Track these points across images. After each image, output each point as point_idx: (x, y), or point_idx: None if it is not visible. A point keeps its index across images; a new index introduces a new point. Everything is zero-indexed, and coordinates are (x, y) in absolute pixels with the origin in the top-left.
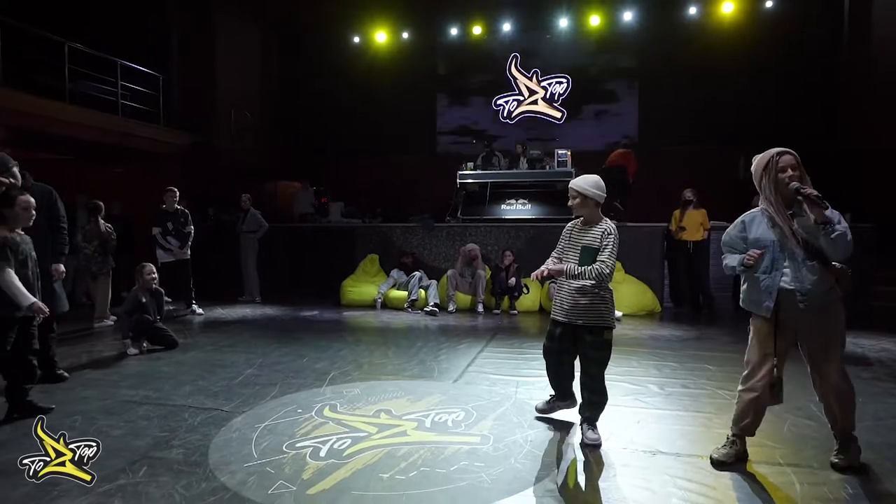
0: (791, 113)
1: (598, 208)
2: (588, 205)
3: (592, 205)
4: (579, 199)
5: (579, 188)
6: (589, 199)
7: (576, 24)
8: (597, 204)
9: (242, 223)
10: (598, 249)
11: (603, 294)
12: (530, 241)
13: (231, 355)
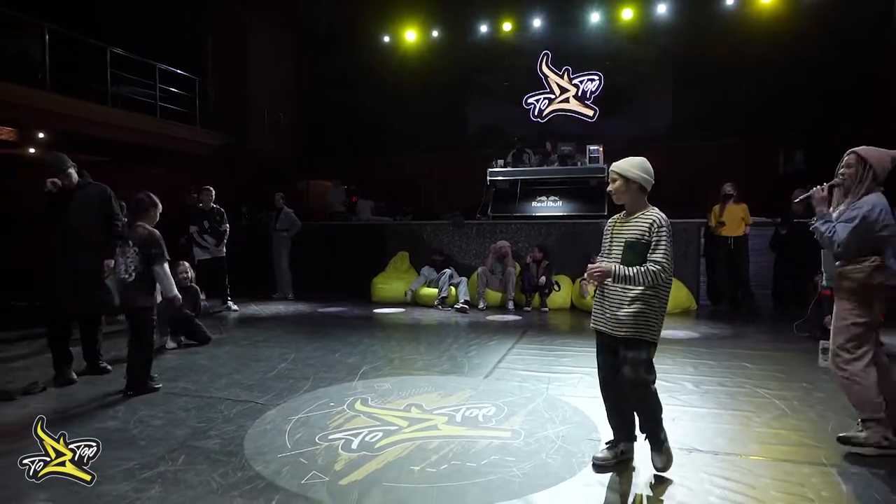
0: (833, 106)
1: (642, 195)
2: (630, 190)
3: (635, 190)
4: (619, 183)
5: (620, 169)
6: (631, 183)
7: (608, 18)
8: (641, 189)
9: (276, 222)
10: (646, 245)
11: (652, 301)
12: (561, 239)
13: (265, 350)
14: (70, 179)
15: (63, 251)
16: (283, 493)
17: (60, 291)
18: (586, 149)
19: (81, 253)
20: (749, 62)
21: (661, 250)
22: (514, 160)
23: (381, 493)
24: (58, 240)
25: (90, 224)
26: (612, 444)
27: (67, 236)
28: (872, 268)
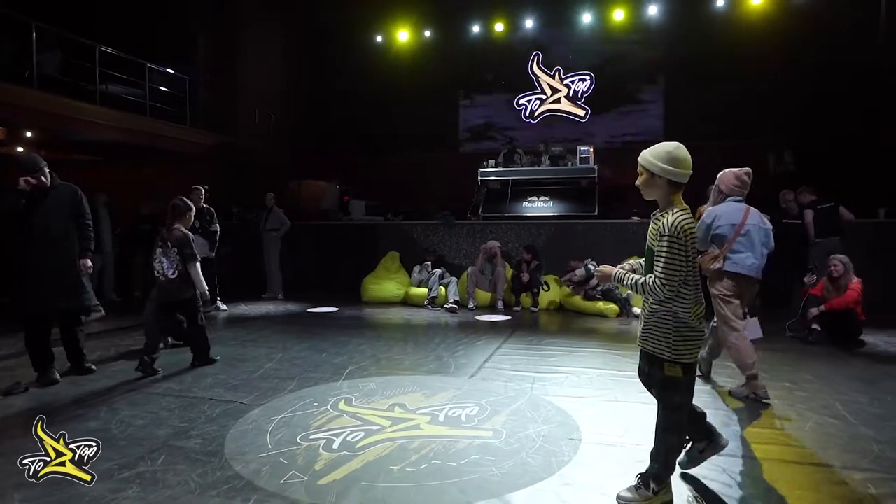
0: (823, 107)
1: (673, 191)
2: (657, 185)
3: (664, 185)
4: (645, 176)
5: (644, 161)
6: (656, 178)
7: (599, 19)
8: (671, 184)
9: (266, 221)
10: (653, 253)
11: (664, 317)
12: (552, 239)
13: (252, 350)
14: (43, 179)
15: (36, 251)
16: (261, 493)
17: (35, 291)
18: (577, 149)
19: (55, 253)
20: (739, 64)
21: (662, 261)
22: (505, 160)
23: (359, 492)
24: (31, 239)
25: (63, 224)
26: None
27: (41, 236)
28: (711, 257)
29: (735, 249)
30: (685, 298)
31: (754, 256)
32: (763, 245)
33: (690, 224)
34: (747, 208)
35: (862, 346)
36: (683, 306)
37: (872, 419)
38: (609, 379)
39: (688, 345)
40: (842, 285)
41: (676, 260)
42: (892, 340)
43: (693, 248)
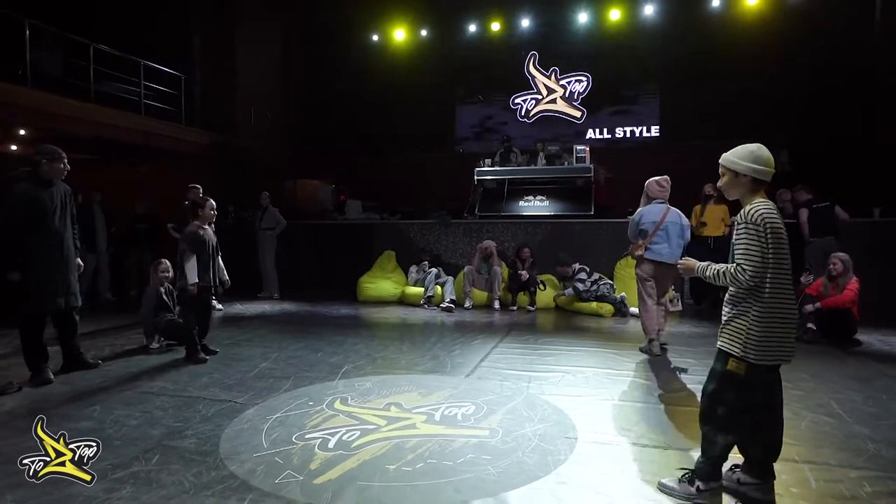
0: (819, 107)
1: (754, 187)
2: (739, 183)
3: (746, 183)
4: (728, 177)
5: (727, 162)
6: (741, 177)
7: (595, 18)
8: (754, 182)
9: (261, 220)
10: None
11: (745, 314)
12: (548, 238)
13: (248, 349)
14: (67, 168)
15: (45, 248)
16: (256, 493)
17: (43, 289)
18: (573, 149)
19: (61, 250)
20: (735, 63)
21: (741, 248)
22: (501, 160)
23: (355, 491)
24: (39, 236)
25: (65, 221)
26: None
27: (48, 232)
28: (636, 247)
29: (654, 241)
30: (767, 298)
31: (669, 247)
32: (679, 237)
33: (770, 214)
34: (667, 208)
35: (857, 346)
36: (765, 307)
37: (867, 418)
38: (605, 378)
39: (763, 344)
40: (840, 284)
41: (754, 245)
42: (887, 339)
43: (776, 240)
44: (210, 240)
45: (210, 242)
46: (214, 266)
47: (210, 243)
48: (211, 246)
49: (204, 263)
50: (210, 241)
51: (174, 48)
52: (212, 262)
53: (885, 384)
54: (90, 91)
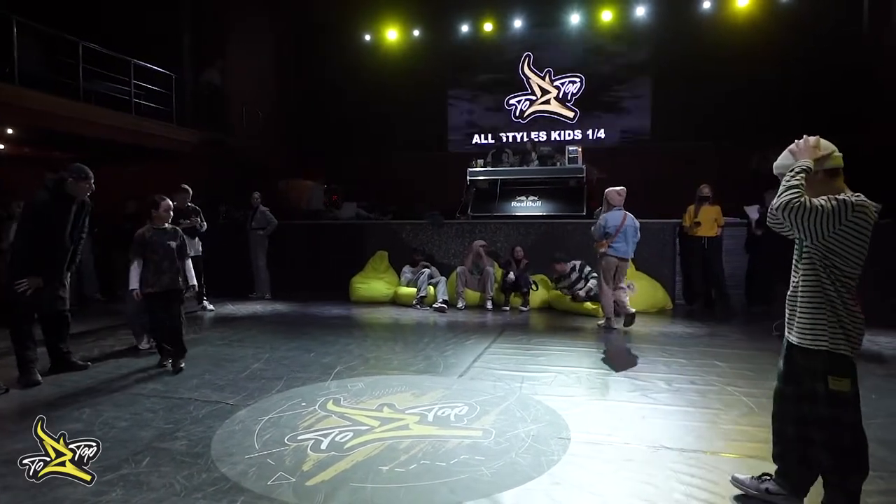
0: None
1: (832, 180)
2: (815, 182)
3: (821, 180)
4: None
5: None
6: (816, 173)
7: (587, 19)
8: (830, 173)
9: (251, 220)
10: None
11: (831, 302)
12: (540, 239)
13: (239, 350)
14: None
15: (55, 254)
16: (248, 495)
17: (49, 292)
18: (565, 149)
19: (66, 257)
20: (726, 64)
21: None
22: (493, 160)
23: (348, 493)
24: (53, 243)
25: (74, 233)
26: (762, 476)
27: (60, 241)
28: (601, 245)
29: (616, 241)
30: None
31: (626, 246)
32: (634, 238)
33: (858, 200)
34: (625, 214)
35: None
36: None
37: None
38: (597, 378)
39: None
40: None
41: (822, 209)
42: (876, 339)
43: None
44: (163, 242)
45: (162, 245)
46: (171, 269)
47: (162, 245)
48: (164, 248)
49: (154, 267)
50: (162, 244)
51: (164, 46)
52: (167, 264)
53: (874, 383)
54: (79, 90)
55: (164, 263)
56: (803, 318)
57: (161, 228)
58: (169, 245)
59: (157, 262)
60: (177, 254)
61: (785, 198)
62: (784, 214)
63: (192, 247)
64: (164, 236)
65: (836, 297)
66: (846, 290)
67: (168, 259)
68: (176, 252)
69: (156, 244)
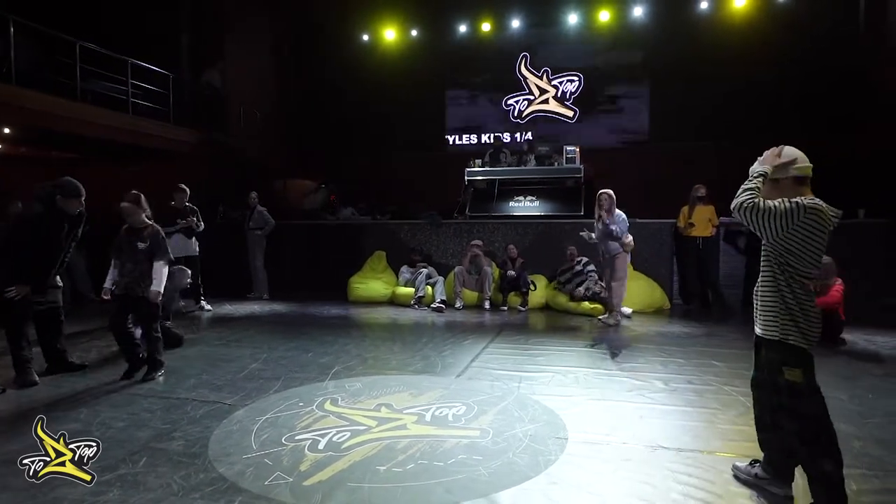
0: (805, 108)
1: (795, 186)
2: (782, 187)
3: (789, 184)
4: (766, 187)
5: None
6: (784, 179)
7: (585, 20)
8: (795, 181)
9: (249, 220)
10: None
11: (783, 296)
12: (538, 239)
13: (237, 350)
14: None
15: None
16: (245, 495)
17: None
18: (563, 149)
19: (59, 268)
20: (723, 65)
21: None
22: (491, 160)
23: (345, 493)
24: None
25: (70, 245)
26: (752, 461)
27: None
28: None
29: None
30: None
31: None
32: None
33: (811, 203)
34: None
35: (843, 345)
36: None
37: (853, 416)
38: (595, 378)
39: (801, 324)
40: (824, 286)
41: (770, 211)
42: (871, 339)
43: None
44: (130, 242)
45: (128, 245)
46: (133, 273)
47: (128, 246)
48: (130, 249)
49: (120, 268)
50: (129, 244)
51: (162, 46)
52: (130, 267)
53: (870, 383)
54: (77, 89)
55: (127, 265)
56: (761, 310)
57: (136, 228)
58: (135, 246)
59: (122, 263)
60: (144, 256)
61: (740, 198)
62: (739, 213)
63: (189, 247)
64: (134, 237)
65: (789, 291)
66: (799, 286)
67: (132, 261)
68: (143, 254)
69: (123, 244)
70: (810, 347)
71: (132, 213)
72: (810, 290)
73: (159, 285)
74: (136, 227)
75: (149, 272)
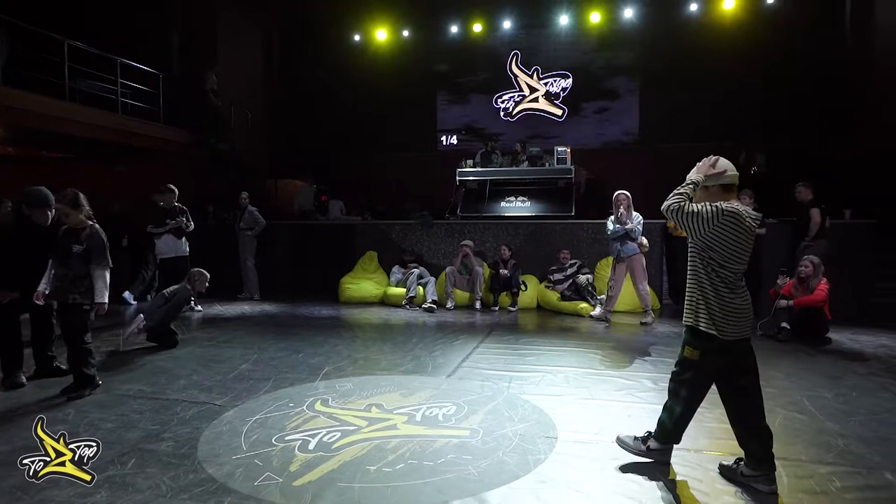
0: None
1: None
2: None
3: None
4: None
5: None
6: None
7: (576, 21)
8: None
9: (240, 221)
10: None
11: (702, 287)
12: (529, 239)
13: (227, 350)
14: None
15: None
16: (234, 495)
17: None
18: (554, 150)
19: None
20: (714, 67)
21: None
22: (483, 160)
23: (335, 493)
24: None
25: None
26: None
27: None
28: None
29: None
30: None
31: None
32: None
33: (729, 208)
34: None
35: (828, 344)
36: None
37: (837, 414)
38: (585, 377)
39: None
40: (810, 286)
41: (694, 213)
42: (856, 338)
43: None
44: (65, 243)
45: (63, 246)
46: (64, 278)
47: (63, 247)
48: (64, 251)
49: (54, 271)
50: (64, 245)
51: (152, 45)
52: (62, 271)
53: (854, 382)
54: (65, 88)
55: (59, 269)
56: (685, 299)
57: (73, 229)
58: (69, 248)
59: (56, 266)
60: (79, 260)
61: (669, 201)
62: (668, 214)
63: (179, 247)
64: (71, 237)
65: (708, 284)
66: (721, 280)
67: (64, 265)
68: (77, 258)
69: (58, 244)
70: (722, 336)
71: (67, 213)
72: (740, 287)
73: (102, 295)
74: (74, 228)
75: (83, 278)
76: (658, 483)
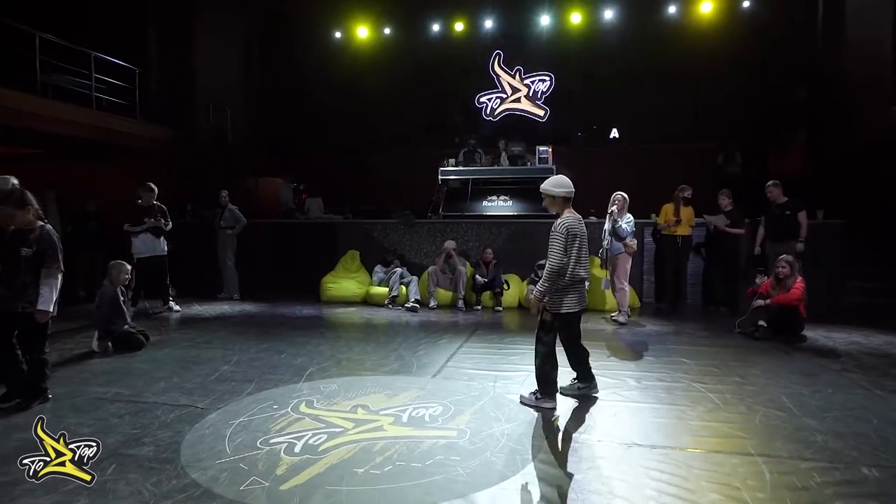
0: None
1: (564, 204)
2: (556, 203)
3: (561, 203)
4: (548, 200)
5: (545, 190)
6: (557, 199)
7: (558, 21)
8: (564, 200)
9: (220, 219)
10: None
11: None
12: (511, 238)
13: (207, 352)
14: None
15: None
16: (219, 501)
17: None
18: (536, 150)
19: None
20: (693, 68)
21: (552, 247)
22: (465, 160)
23: (323, 496)
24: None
25: None
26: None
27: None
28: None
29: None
30: (572, 272)
31: None
32: None
33: (572, 223)
34: None
35: (804, 341)
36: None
37: (815, 411)
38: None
39: (560, 300)
40: (787, 285)
41: (558, 245)
42: (830, 335)
43: (573, 240)
44: (13, 246)
45: (11, 249)
46: (12, 285)
47: (11, 250)
48: (12, 255)
49: (3, 279)
50: (12, 248)
51: (128, 39)
52: (8, 277)
53: (830, 378)
54: (36, 83)
55: (6, 276)
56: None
57: (21, 231)
58: (18, 251)
59: (2, 271)
60: (29, 264)
61: (552, 277)
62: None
63: (157, 246)
64: (18, 241)
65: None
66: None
67: (12, 271)
68: (27, 262)
69: (6, 247)
70: (561, 311)
71: (12, 215)
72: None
73: (48, 302)
74: (22, 230)
75: (34, 284)
76: (644, 481)
